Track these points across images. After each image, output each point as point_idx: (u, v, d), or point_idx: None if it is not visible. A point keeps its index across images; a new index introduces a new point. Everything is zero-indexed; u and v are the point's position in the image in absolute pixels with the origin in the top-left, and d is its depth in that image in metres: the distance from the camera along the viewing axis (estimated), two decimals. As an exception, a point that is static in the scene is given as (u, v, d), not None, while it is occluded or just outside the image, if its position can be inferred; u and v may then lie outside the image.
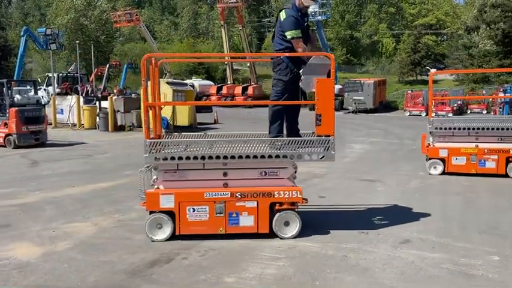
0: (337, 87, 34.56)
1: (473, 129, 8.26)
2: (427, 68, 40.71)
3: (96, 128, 18.01)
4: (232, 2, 35.15)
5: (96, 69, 27.25)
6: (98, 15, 42.38)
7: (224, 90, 36.32)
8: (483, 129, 8.19)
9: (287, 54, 4.97)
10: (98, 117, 17.91)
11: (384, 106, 32.41)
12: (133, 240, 4.79)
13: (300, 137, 5.05)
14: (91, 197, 6.76)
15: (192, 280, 3.80)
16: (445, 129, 8.42)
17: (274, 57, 5.21)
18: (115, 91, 20.50)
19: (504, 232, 5.00)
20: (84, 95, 20.87)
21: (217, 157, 4.63)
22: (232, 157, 4.61)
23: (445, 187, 7.43)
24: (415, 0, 55.77)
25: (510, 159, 8.08)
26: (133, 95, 19.81)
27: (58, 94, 20.95)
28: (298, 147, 4.68)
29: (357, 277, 3.82)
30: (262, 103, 12.33)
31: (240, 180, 4.76)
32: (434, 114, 18.94)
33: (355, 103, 30.22)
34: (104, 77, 25.12)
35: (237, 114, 28.19)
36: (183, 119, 17.24)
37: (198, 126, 18.66)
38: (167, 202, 4.70)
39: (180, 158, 4.64)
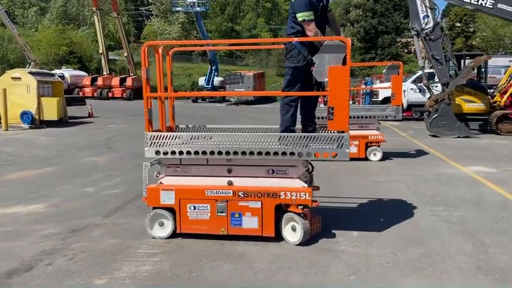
0: (219, 79, 35.06)
1: (339, 117, 9.08)
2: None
3: None
4: (105, -12, 33.09)
5: None
6: None
7: (99, 82, 34.23)
8: (347, 117, 9.04)
9: (297, 39, 4.46)
10: None
11: (264, 98, 33.76)
12: (-15, 251, 4.23)
13: (316, 131, 4.66)
14: None
15: (57, 287, 3.49)
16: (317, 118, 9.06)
17: (287, 43, 4.69)
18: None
19: (363, 209, 5.58)
20: None
21: (219, 152, 4.22)
22: (235, 153, 4.21)
23: (316, 172, 7.98)
24: (289, -3, 58.84)
25: (369, 144, 9.06)
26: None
27: None
28: (309, 144, 4.16)
29: (233, 264, 3.89)
30: (273, 94, 11.69)
31: (246, 178, 4.38)
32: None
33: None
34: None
35: (113, 107, 26.80)
36: (51, 113, 15.75)
37: (70, 121, 17.25)
38: (168, 198, 4.39)
39: (181, 153, 4.28)
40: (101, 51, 35.33)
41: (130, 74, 35.76)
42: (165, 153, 4.35)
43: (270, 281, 3.57)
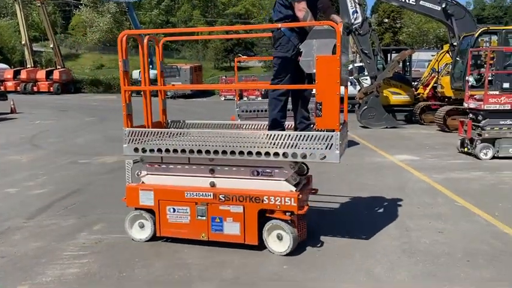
0: (155, 72, 34.15)
1: (273, 110, 9.21)
2: (239, 55, 43.51)
3: None
4: (27, -26, 30.93)
5: None
6: None
7: (23, 75, 32.11)
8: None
9: (280, 24, 3.99)
10: None
11: (202, 91, 33.39)
12: None
13: (309, 129, 4.19)
14: None
15: (-30, 298, 3.22)
16: (250, 111, 9.11)
17: (274, 30, 4.16)
18: None
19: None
20: None
21: (199, 151, 3.88)
22: (215, 152, 3.85)
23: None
24: (226, -10, 58.53)
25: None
26: None
27: None
28: (298, 143, 3.71)
29: (166, 261, 3.81)
30: (264, 87, 10.97)
31: (229, 179, 4.02)
32: (246, 98, 20.28)
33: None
34: None
35: (39, 102, 25.24)
36: (-33, 109, 14.47)
37: (-10, 117, 15.99)
38: (147, 199, 4.11)
39: (160, 150, 3.96)
40: (23, 42, 33.00)
41: (58, 67, 33.76)
42: (144, 151, 4.08)
43: (203, 276, 3.54)
